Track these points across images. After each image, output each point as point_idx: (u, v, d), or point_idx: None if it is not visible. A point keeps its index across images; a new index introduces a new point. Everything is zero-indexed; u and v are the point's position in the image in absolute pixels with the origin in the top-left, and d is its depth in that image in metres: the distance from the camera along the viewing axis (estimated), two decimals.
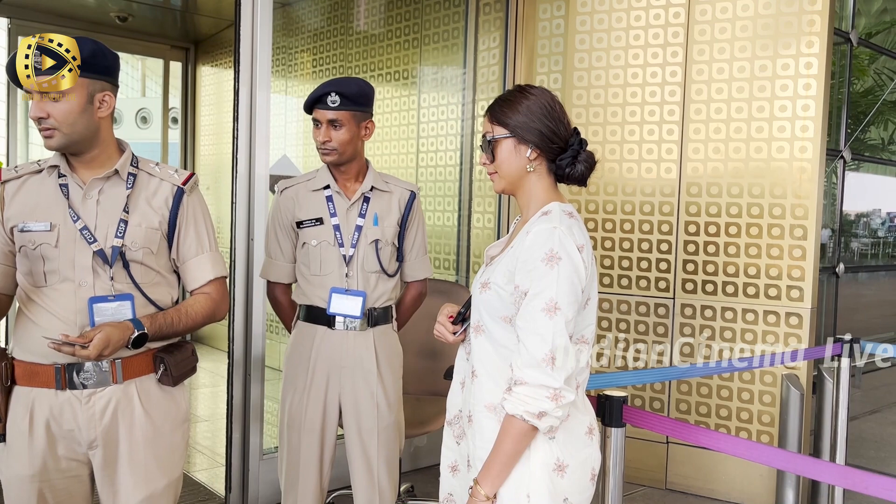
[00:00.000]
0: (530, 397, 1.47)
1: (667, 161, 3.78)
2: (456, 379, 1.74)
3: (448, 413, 1.76)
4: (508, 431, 1.50)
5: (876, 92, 7.00)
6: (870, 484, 1.50)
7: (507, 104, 1.64)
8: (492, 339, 1.59)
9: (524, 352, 1.49)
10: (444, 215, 4.54)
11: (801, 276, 3.52)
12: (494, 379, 1.58)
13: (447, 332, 1.69)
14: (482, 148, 1.66)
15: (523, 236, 1.56)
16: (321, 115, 2.32)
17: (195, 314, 1.88)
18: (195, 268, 1.92)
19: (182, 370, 1.89)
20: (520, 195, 1.66)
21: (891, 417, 5.34)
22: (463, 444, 1.69)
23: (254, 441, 3.30)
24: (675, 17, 3.74)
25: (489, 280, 1.60)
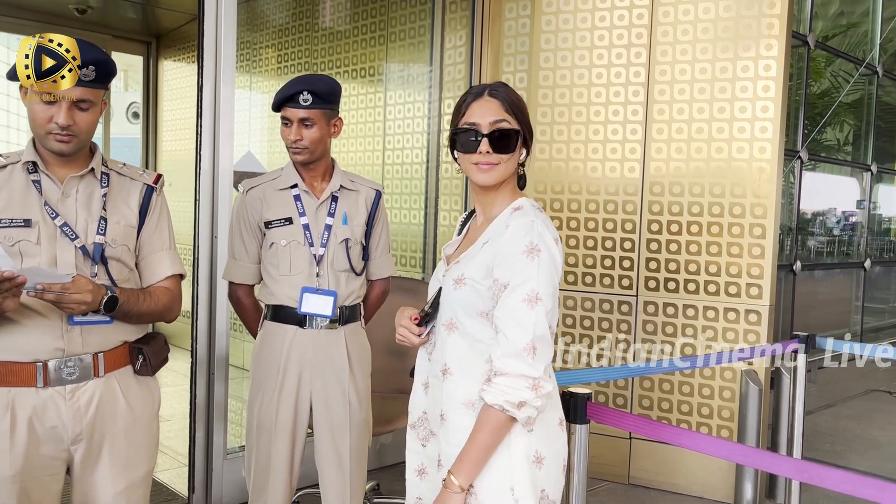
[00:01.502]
0: (510, 387, 1.48)
1: (630, 160, 3.83)
2: (418, 381, 1.72)
3: (411, 416, 1.74)
4: (486, 422, 1.50)
5: (832, 94, 7.19)
6: (825, 477, 1.55)
7: (517, 99, 1.62)
8: (466, 335, 1.58)
9: (504, 342, 1.49)
10: (411, 213, 4.54)
11: (759, 273, 3.60)
12: (470, 375, 1.57)
13: (412, 334, 1.66)
14: (494, 137, 1.57)
15: (500, 230, 1.55)
16: (292, 113, 2.30)
17: (157, 300, 1.91)
18: (155, 263, 1.95)
19: (158, 360, 1.95)
20: (491, 191, 1.64)
21: (845, 412, 5.49)
22: (430, 446, 1.68)
23: (217, 440, 3.26)
24: (639, 19, 3.79)
25: (463, 276, 1.58)
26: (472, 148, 1.57)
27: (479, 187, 1.63)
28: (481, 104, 1.59)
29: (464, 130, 1.59)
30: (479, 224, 1.68)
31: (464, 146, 1.59)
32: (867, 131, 7.56)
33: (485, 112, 1.58)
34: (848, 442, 4.81)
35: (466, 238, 1.72)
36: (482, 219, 1.67)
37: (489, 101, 1.59)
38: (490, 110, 1.58)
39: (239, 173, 3.74)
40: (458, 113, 1.62)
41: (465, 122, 1.59)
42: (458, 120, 1.62)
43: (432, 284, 1.73)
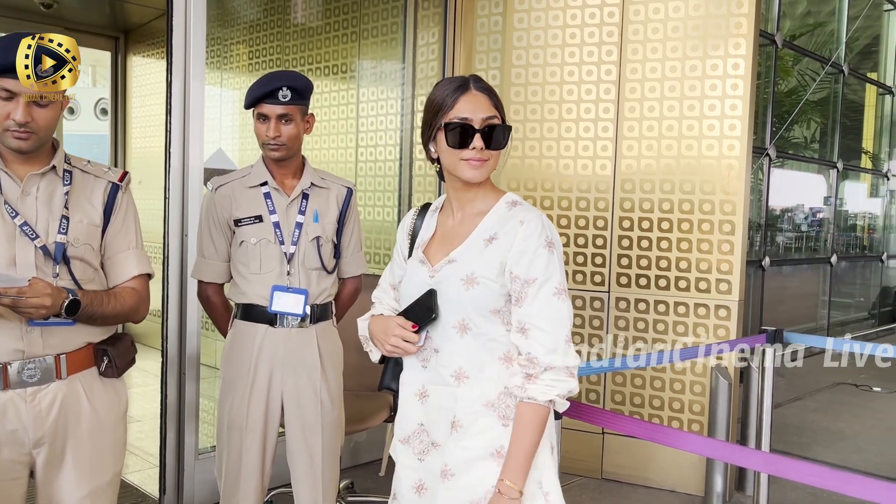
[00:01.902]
0: (558, 381, 1.49)
1: (602, 158, 3.86)
2: (409, 392, 1.64)
3: (403, 431, 1.65)
4: (533, 420, 1.49)
5: (799, 92, 7.31)
6: (792, 470, 1.57)
7: (497, 95, 1.60)
8: (480, 335, 1.55)
9: (544, 337, 1.49)
10: (384, 210, 4.53)
11: (729, 269, 3.64)
12: (486, 376, 1.54)
13: (409, 344, 1.58)
14: (486, 132, 1.54)
15: (512, 226, 1.53)
16: (270, 110, 2.28)
17: (123, 301, 1.87)
18: (121, 263, 1.91)
19: (124, 361, 1.90)
20: (474, 187, 1.60)
21: (812, 405, 5.59)
22: (430, 459, 1.60)
23: (189, 441, 3.23)
24: (610, 17, 3.81)
25: (474, 274, 1.54)
26: (463, 143, 1.54)
27: (463, 183, 1.59)
28: (471, 99, 1.55)
29: (455, 125, 1.54)
30: (460, 221, 1.63)
31: (454, 141, 1.54)
32: (833, 129, 7.70)
33: (476, 107, 1.54)
34: (815, 434, 4.90)
35: (442, 235, 1.66)
36: (461, 215, 1.63)
37: (478, 96, 1.56)
38: (481, 105, 1.55)
39: (210, 170, 3.70)
40: (442, 106, 1.56)
41: (456, 116, 1.54)
42: (445, 114, 1.56)
43: (411, 288, 1.64)
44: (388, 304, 1.74)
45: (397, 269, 1.73)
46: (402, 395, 1.66)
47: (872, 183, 9.07)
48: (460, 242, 1.59)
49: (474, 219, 1.60)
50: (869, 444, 4.76)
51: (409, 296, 1.62)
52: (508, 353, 1.55)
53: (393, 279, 1.74)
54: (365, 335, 1.73)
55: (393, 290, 1.74)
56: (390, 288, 1.75)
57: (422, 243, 1.68)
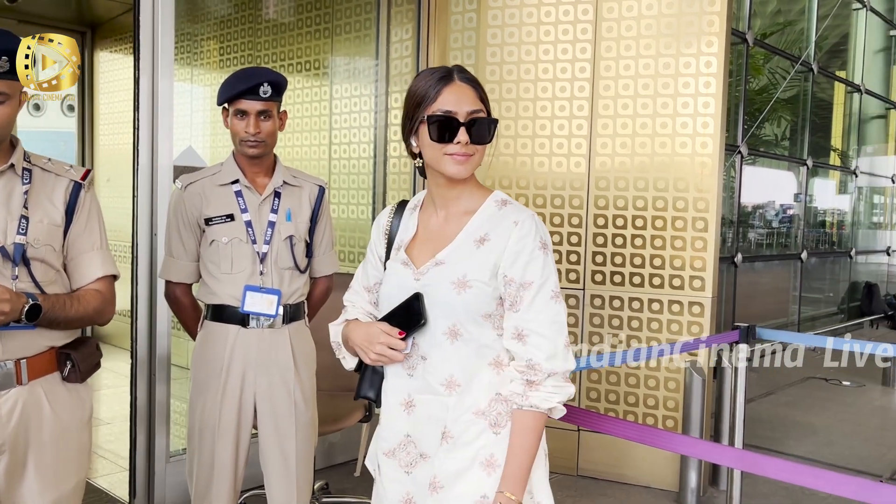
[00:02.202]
0: (558, 387, 1.45)
1: (576, 155, 3.86)
2: (393, 402, 1.55)
3: (387, 442, 1.56)
4: (532, 428, 1.45)
5: (770, 90, 7.38)
6: (766, 466, 1.58)
7: (482, 87, 1.52)
8: (471, 341, 1.47)
9: (544, 343, 1.44)
10: (358, 208, 4.50)
11: (702, 266, 3.67)
12: (478, 384, 1.48)
13: (396, 352, 1.49)
14: (471, 126, 1.46)
15: (506, 227, 1.47)
16: (250, 106, 2.25)
17: (87, 304, 1.81)
18: (85, 264, 1.85)
19: (88, 366, 1.84)
20: (459, 184, 1.52)
21: (783, 399, 5.66)
22: (419, 471, 1.52)
23: (160, 443, 3.18)
24: (584, 14, 3.81)
25: (466, 277, 1.46)
26: (447, 138, 1.45)
27: (447, 180, 1.51)
28: (454, 90, 1.47)
29: (438, 118, 1.46)
30: (444, 220, 1.55)
31: (438, 135, 1.46)
32: (803, 127, 7.79)
33: (460, 99, 1.46)
34: (786, 428, 4.96)
35: (426, 235, 1.57)
36: (444, 214, 1.55)
37: (462, 87, 1.48)
38: (465, 98, 1.47)
39: (180, 168, 3.64)
40: (425, 98, 1.48)
41: (439, 109, 1.46)
42: (428, 106, 1.47)
43: (393, 291, 1.54)
44: (361, 307, 1.65)
45: (371, 269, 1.64)
46: (386, 404, 1.57)
47: (841, 180, 9.21)
48: (447, 243, 1.52)
49: (461, 218, 1.53)
50: (839, 437, 4.83)
51: (391, 300, 1.53)
52: (498, 359, 1.49)
53: (367, 281, 1.65)
54: (337, 341, 1.63)
55: (367, 292, 1.65)
56: (364, 290, 1.65)
57: (402, 244, 1.58)
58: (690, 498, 3.57)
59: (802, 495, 3.65)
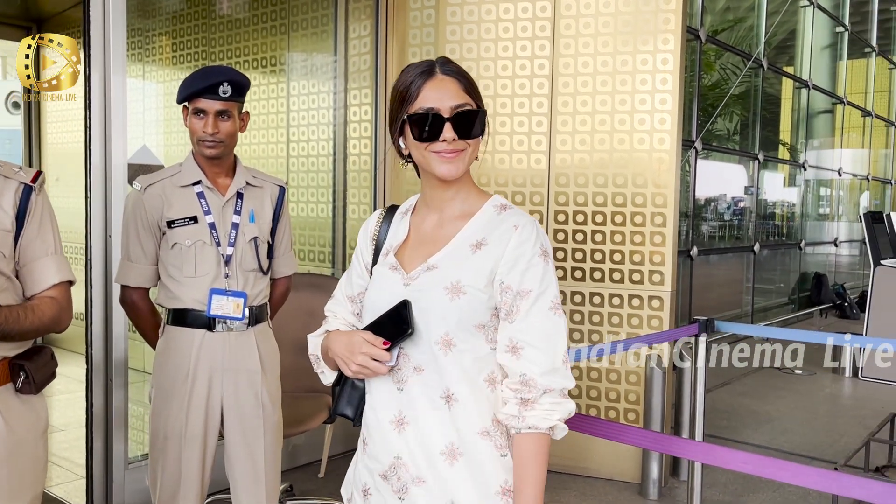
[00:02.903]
0: (557, 404, 1.34)
1: (536, 152, 3.88)
2: (382, 419, 1.41)
3: (381, 465, 1.41)
4: (538, 452, 1.33)
5: (722, 86, 7.53)
6: (729, 459, 1.61)
7: (470, 76, 1.43)
8: (465, 352, 1.36)
9: (540, 357, 1.33)
10: (318, 207, 4.45)
11: (661, 260, 3.72)
12: (478, 399, 1.37)
13: (379, 364, 1.36)
14: (457, 121, 1.36)
15: (504, 231, 1.38)
16: (209, 105, 2.20)
17: (42, 314, 1.72)
18: (39, 270, 1.78)
19: (44, 376, 1.77)
20: (454, 184, 1.43)
21: (739, 388, 5.79)
22: (414, 498, 1.38)
23: (118, 449, 3.10)
24: (542, 11, 3.83)
25: (460, 283, 1.36)
26: (432, 136, 1.36)
27: (439, 181, 1.41)
28: (437, 84, 1.37)
29: (420, 116, 1.36)
30: (438, 223, 1.45)
31: (422, 134, 1.37)
32: (754, 121, 7.97)
33: (443, 94, 1.36)
34: (743, 418, 5.07)
35: (418, 239, 1.47)
36: (439, 217, 1.45)
37: (445, 80, 1.38)
38: (449, 92, 1.37)
39: (135, 166, 3.56)
40: (407, 96, 1.39)
41: (420, 106, 1.36)
42: (410, 105, 1.38)
43: (380, 297, 1.42)
44: (343, 318, 1.53)
45: (356, 278, 1.53)
46: (374, 421, 1.43)
47: (790, 173, 9.45)
48: (440, 247, 1.42)
49: (456, 222, 1.43)
50: (793, 425, 4.96)
51: (377, 307, 1.40)
52: (492, 375, 1.38)
53: (351, 290, 1.54)
54: (316, 354, 1.51)
55: (350, 302, 1.54)
56: (347, 300, 1.54)
57: (391, 248, 1.48)
58: (652, 489, 3.62)
59: (760, 483, 3.74)
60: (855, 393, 5.92)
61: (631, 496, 3.64)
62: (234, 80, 2.22)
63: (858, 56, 10.66)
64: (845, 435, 4.74)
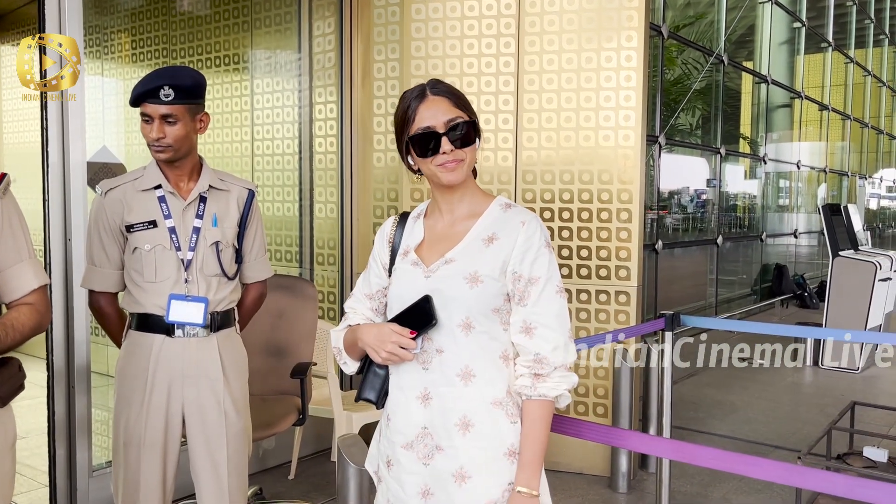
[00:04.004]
0: (564, 376, 1.55)
1: (503, 150, 3.89)
2: (409, 396, 1.61)
3: (404, 436, 1.61)
4: (542, 417, 1.55)
5: (684, 81, 7.62)
6: (698, 455, 1.63)
7: (460, 92, 1.62)
8: (483, 333, 1.57)
9: (550, 335, 1.54)
10: (285, 206, 4.41)
11: (627, 256, 3.76)
12: (493, 374, 1.57)
13: (406, 351, 1.55)
14: (452, 134, 1.55)
15: (512, 227, 1.57)
16: (153, 109, 2.15)
17: (22, 327, 1.69)
18: (15, 277, 1.73)
19: (11, 388, 1.73)
20: (459, 188, 1.61)
21: (705, 379, 5.89)
22: (438, 462, 1.58)
23: (81, 456, 3.04)
24: (507, 9, 3.83)
25: (478, 273, 1.56)
26: (433, 150, 1.56)
27: (447, 186, 1.60)
28: (429, 105, 1.57)
29: (419, 136, 1.56)
30: (451, 223, 1.64)
31: (424, 151, 1.57)
32: (715, 116, 8.09)
33: (435, 112, 1.56)
34: (709, 408, 5.16)
35: (433, 239, 1.65)
36: (450, 218, 1.65)
37: (436, 100, 1.58)
38: (440, 109, 1.57)
39: (96, 165, 3.48)
40: (406, 120, 1.59)
41: (419, 127, 1.56)
42: (409, 127, 1.58)
43: (406, 288, 1.61)
44: (363, 314, 1.73)
45: (374, 277, 1.72)
46: (400, 399, 1.63)
47: (751, 166, 9.61)
48: (455, 243, 1.61)
49: (467, 221, 1.63)
50: (757, 414, 5.06)
51: (402, 300, 1.60)
52: (506, 353, 1.58)
53: (369, 288, 1.73)
54: (339, 346, 1.71)
55: (368, 299, 1.73)
56: (365, 297, 1.73)
57: (410, 247, 1.67)
58: (621, 482, 3.67)
59: (726, 473, 3.80)
60: (816, 382, 6.06)
61: (601, 490, 3.68)
62: (177, 83, 2.15)
63: (815, 51, 10.87)
64: (808, 423, 4.85)
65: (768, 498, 3.61)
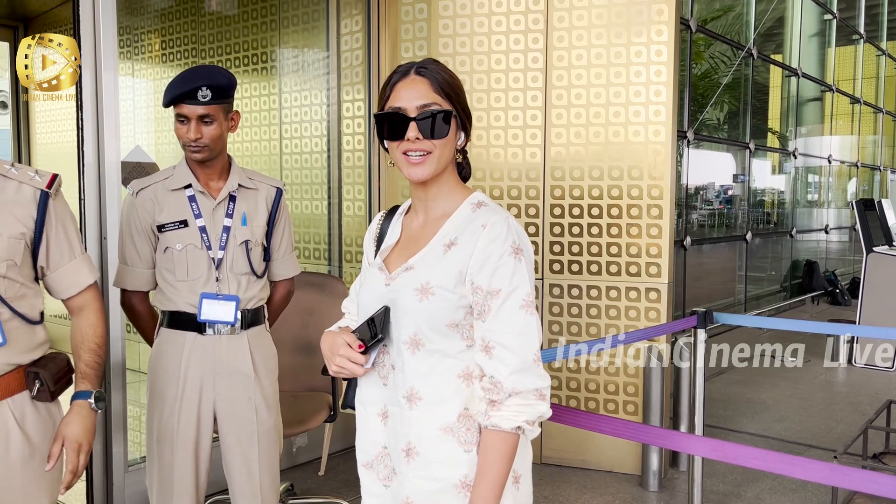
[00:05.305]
0: (526, 405, 1.33)
1: (531, 146, 3.87)
2: (370, 412, 1.47)
3: (365, 454, 1.49)
4: (501, 451, 1.33)
5: (711, 75, 7.53)
6: (738, 455, 1.60)
7: (450, 77, 1.42)
8: (434, 352, 1.38)
9: (509, 356, 1.32)
10: (313, 203, 4.43)
11: (658, 252, 3.72)
12: (445, 397, 1.38)
13: (356, 364, 1.38)
14: (422, 120, 1.37)
15: (473, 230, 1.37)
16: (190, 110, 2.16)
17: (100, 338, 1.82)
18: (70, 274, 1.79)
19: (59, 384, 1.77)
20: (433, 186, 1.43)
21: (735, 377, 5.82)
22: (395, 485, 1.44)
23: (117, 451, 3.08)
24: (535, 4, 3.81)
25: (430, 284, 1.37)
26: (399, 135, 1.37)
27: (416, 182, 1.43)
28: (407, 84, 1.39)
29: (388, 116, 1.38)
30: (423, 224, 1.47)
31: (390, 133, 1.39)
32: (744, 110, 7.98)
33: (411, 94, 1.38)
34: (739, 406, 5.10)
35: (406, 240, 1.49)
36: (424, 218, 1.47)
37: (415, 81, 1.39)
38: (417, 92, 1.38)
39: (129, 164, 3.53)
40: (383, 95, 1.42)
41: (390, 106, 1.39)
42: (384, 104, 1.41)
43: (367, 296, 1.48)
44: (355, 314, 1.61)
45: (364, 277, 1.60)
46: (364, 414, 1.48)
47: (779, 161, 9.47)
48: (421, 248, 1.43)
49: (437, 222, 1.44)
50: (789, 413, 4.99)
51: (365, 307, 1.46)
52: (468, 371, 1.39)
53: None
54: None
55: None
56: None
57: (385, 249, 1.51)
58: (652, 481, 3.64)
59: (759, 472, 3.76)
60: (849, 380, 5.96)
61: (631, 488, 3.66)
62: (214, 83, 2.16)
63: (846, 43, 10.69)
64: (842, 422, 4.78)
65: (803, 498, 3.56)
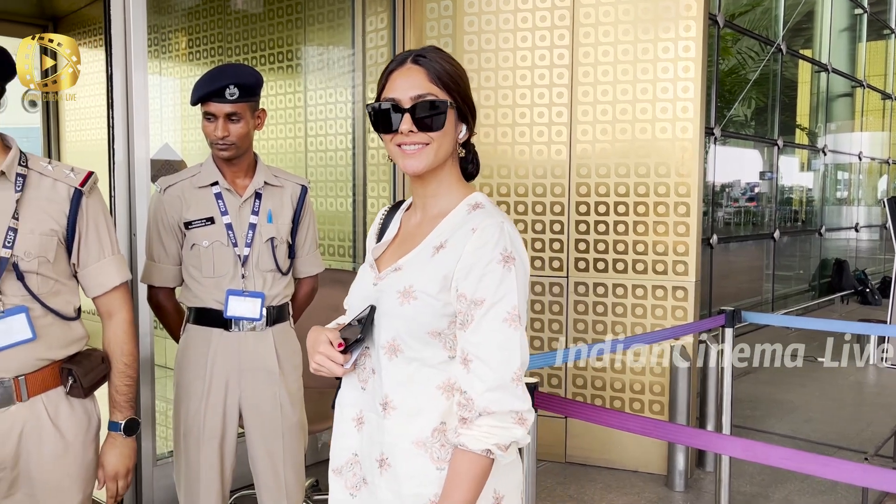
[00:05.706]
0: (498, 427, 1.24)
1: (557, 143, 3.85)
2: (346, 415, 1.39)
3: (336, 459, 1.41)
4: (469, 473, 1.24)
5: (739, 71, 7.43)
6: (770, 455, 1.58)
7: (450, 66, 1.34)
8: (412, 360, 1.31)
9: (486, 372, 1.23)
10: (338, 201, 4.44)
11: (685, 250, 3.69)
12: (421, 409, 1.30)
13: (335, 364, 1.31)
14: (417, 111, 1.30)
15: (463, 233, 1.30)
16: (217, 108, 2.18)
17: (129, 356, 1.84)
18: (98, 273, 1.79)
19: (93, 380, 1.79)
20: (432, 181, 1.36)
21: (763, 377, 5.75)
22: (362, 496, 1.37)
23: (145, 446, 3.12)
24: (561, 0, 3.79)
25: (413, 287, 1.29)
26: (392, 127, 1.31)
27: (413, 177, 1.36)
28: (403, 74, 1.32)
29: (381, 107, 1.32)
30: (419, 222, 1.40)
31: (384, 125, 1.32)
32: (772, 106, 7.88)
33: (406, 84, 1.31)
34: (767, 407, 5.03)
35: (402, 237, 1.43)
36: (421, 216, 1.40)
37: (411, 70, 1.32)
38: (412, 82, 1.31)
39: (158, 163, 3.56)
40: (380, 86, 1.36)
41: (385, 96, 1.32)
42: (380, 94, 1.35)
43: (356, 294, 1.42)
44: None
45: None
46: (340, 417, 1.41)
47: (808, 158, 9.34)
48: (413, 247, 1.36)
49: (433, 221, 1.37)
50: (818, 413, 4.92)
51: (352, 305, 1.41)
52: (450, 383, 1.30)
53: None
54: None
55: None
56: None
57: (381, 246, 1.45)
58: (678, 481, 3.60)
59: (787, 473, 3.71)
60: (879, 381, 5.86)
61: (657, 488, 3.63)
62: (241, 82, 2.18)
63: (877, 38, 10.50)
64: (872, 423, 4.70)
65: (833, 500, 3.51)
